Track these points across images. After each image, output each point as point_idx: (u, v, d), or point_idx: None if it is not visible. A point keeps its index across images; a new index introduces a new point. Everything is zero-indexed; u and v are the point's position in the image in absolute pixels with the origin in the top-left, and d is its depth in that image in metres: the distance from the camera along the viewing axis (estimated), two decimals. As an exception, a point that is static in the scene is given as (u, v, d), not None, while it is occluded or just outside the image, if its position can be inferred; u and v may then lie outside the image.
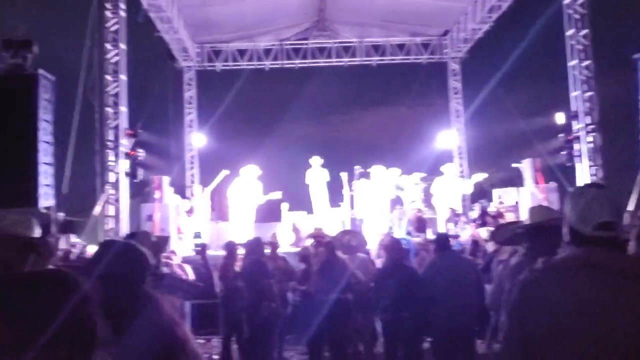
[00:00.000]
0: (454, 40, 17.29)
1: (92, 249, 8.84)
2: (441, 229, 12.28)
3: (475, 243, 9.69)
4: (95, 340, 1.11)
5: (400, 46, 17.85)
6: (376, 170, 13.56)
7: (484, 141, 17.55)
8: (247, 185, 12.89)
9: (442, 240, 6.81)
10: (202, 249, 9.47)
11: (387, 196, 13.52)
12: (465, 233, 11.26)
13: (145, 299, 2.14)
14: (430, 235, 11.24)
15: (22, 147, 8.38)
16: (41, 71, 8.68)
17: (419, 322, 6.49)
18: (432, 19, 16.40)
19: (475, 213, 13.32)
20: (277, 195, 12.99)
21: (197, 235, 12.64)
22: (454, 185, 13.73)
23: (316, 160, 14.42)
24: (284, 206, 14.15)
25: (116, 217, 11.84)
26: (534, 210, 3.97)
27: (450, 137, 17.70)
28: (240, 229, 12.54)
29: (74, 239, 10.33)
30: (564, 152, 12.61)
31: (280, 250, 9.56)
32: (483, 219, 12.30)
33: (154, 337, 1.94)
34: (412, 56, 17.89)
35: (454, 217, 12.61)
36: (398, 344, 6.74)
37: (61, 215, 10.13)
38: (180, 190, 15.03)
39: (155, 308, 2.19)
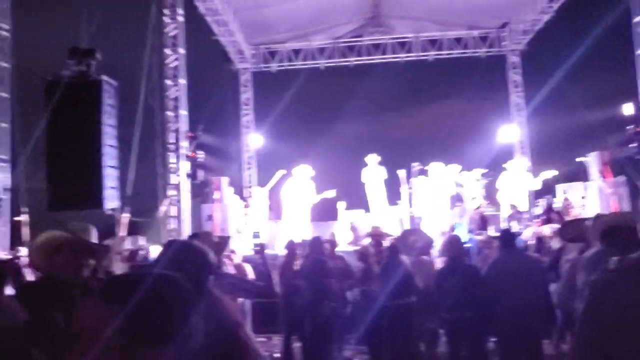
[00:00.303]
0: (513, 32, 16.85)
1: (154, 250, 9.07)
2: (504, 226, 11.96)
3: (540, 240, 9.37)
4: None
5: (458, 40, 17.54)
6: (434, 167, 13.34)
7: (547, 135, 17.02)
8: (300, 185, 12.90)
9: (507, 238, 6.58)
10: (261, 248, 9.53)
11: (447, 193, 13.27)
12: (528, 230, 10.92)
13: (206, 299, 2.13)
14: (492, 232, 10.96)
15: (88, 151, 8.70)
16: (104, 77, 8.97)
17: (482, 321, 6.33)
18: (490, 11, 16.01)
19: (539, 209, 12.90)
20: (331, 193, 12.94)
21: (256, 235, 12.77)
22: (520, 181, 13.25)
23: (373, 158, 14.29)
24: (341, 205, 14.11)
25: (178, 217, 12.12)
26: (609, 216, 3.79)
27: (511, 132, 17.24)
28: (296, 228, 12.58)
29: (141, 241, 10.61)
30: (633, 145, 12.06)
31: (337, 249, 9.52)
32: (548, 216, 11.89)
33: (214, 337, 1.93)
34: (469, 50, 17.54)
35: (517, 214, 12.26)
36: (461, 343, 6.59)
37: (126, 216, 10.42)
38: (238, 190, 15.24)
39: (216, 308, 2.18)
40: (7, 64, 11.15)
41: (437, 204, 12.99)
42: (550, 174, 13.23)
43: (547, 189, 13.90)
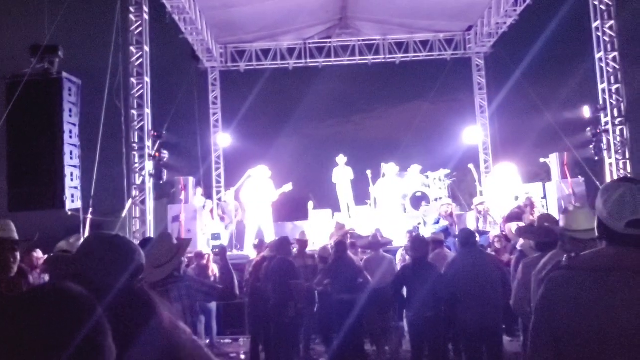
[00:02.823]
0: (478, 35, 17.09)
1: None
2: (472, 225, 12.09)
3: (506, 238, 9.52)
4: None
5: (424, 43, 17.70)
6: (387, 168, 13.46)
7: (509, 136, 17.34)
8: (259, 185, 12.80)
9: (465, 237, 6.65)
10: (220, 250, 9.48)
11: (400, 193, 13.40)
12: (495, 230, 11.08)
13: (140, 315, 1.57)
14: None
15: (49, 150, 8.52)
16: (65, 74, 8.79)
17: (443, 321, 6.42)
18: (456, 14, 16.20)
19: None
20: (288, 188, 12.82)
21: (216, 237, 12.62)
22: (508, 186, 13.22)
23: (342, 159, 14.44)
24: (310, 205, 14.17)
25: (142, 218, 11.98)
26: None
27: (475, 133, 17.50)
28: (260, 228, 12.52)
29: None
30: (591, 146, 12.37)
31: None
32: (513, 215, 12.04)
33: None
34: (435, 52, 17.73)
35: (483, 213, 12.40)
36: (423, 344, 6.67)
37: (89, 217, 10.26)
38: (207, 190, 15.13)
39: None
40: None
41: (394, 203, 13.10)
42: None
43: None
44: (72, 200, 8.76)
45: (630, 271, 1.84)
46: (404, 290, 6.81)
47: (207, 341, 9.65)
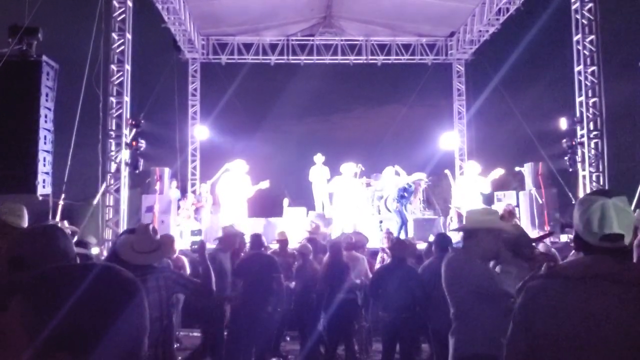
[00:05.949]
0: (460, 42, 17.24)
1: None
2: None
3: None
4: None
5: (406, 46, 17.80)
6: (344, 167, 13.48)
7: (486, 143, 17.55)
8: (236, 179, 12.66)
9: (441, 241, 6.69)
10: (200, 246, 9.40)
11: (355, 191, 13.42)
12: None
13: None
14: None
15: (23, 134, 8.34)
16: (44, 58, 8.61)
17: (416, 323, 6.46)
18: (439, 20, 16.33)
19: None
20: (265, 184, 12.71)
21: (196, 233, 12.48)
22: (472, 185, 13.33)
23: (319, 158, 14.42)
24: (285, 202, 14.13)
25: (115, 207, 11.83)
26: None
27: (452, 139, 17.65)
28: (234, 222, 12.39)
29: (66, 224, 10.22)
30: (566, 157, 12.56)
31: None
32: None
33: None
34: (417, 56, 17.85)
35: (458, 218, 12.50)
36: (395, 344, 6.71)
37: (61, 202, 10.08)
38: (182, 182, 14.99)
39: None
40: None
41: (351, 203, 13.12)
42: (497, 173, 13.09)
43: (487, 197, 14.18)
44: (43, 186, 8.59)
45: (607, 279, 1.87)
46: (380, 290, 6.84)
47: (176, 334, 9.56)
